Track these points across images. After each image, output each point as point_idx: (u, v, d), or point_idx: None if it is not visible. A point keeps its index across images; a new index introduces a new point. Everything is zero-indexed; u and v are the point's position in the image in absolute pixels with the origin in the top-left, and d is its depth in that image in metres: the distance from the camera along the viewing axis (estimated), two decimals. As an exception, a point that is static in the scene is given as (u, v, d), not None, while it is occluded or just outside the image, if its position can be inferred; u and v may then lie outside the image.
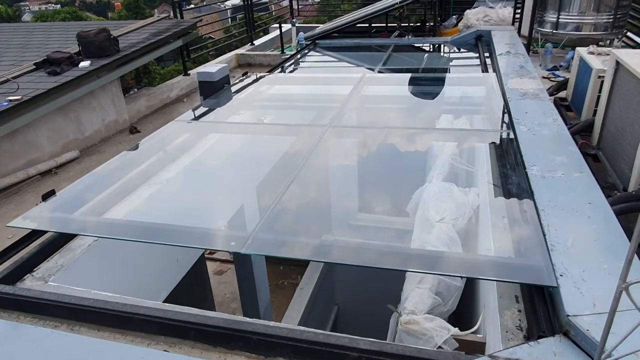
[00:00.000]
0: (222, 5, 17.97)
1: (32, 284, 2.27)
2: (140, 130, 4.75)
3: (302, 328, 1.76)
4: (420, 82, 5.00)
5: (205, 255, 8.27)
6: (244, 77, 4.82)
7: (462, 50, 6.49)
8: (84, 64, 4.15)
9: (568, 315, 1.48)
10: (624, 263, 0.93)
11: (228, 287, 8.71)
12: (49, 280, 2.31)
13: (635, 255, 1.83)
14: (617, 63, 3.08)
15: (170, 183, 2.93)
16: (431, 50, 6.92)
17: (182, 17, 6.33)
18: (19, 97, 3.50)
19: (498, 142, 3.26)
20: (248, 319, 1.82)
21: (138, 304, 1.98)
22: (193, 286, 6.01)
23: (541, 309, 1.67)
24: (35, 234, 2.37)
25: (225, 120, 3.72)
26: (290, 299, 7.03)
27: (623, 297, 0.94)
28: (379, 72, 5.37)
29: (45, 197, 2.52)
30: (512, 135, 3.02)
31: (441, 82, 4.83)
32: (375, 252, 2.08)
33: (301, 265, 8.32)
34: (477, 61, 5.59)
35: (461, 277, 2.41)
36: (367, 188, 3.03)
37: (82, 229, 2.44)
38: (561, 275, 1.65)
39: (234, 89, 4.48)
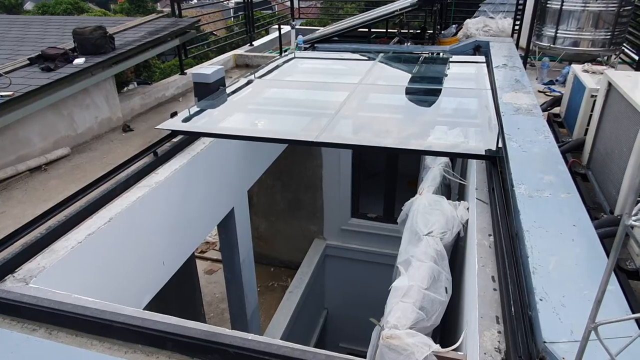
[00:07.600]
0: (225, 3, 17.86)
1: (12, 285, 2.24)
2: (133, 128, 4.72)
3: (280, 342, 1.75)
4: (415, 92, 5.00)
5: (196, 254, 8.27)
6: (286, 53, 6.74)
7: (459, 60, 6.48)
8: (79, 61, 4.12)
9: (545, 342, 1.48)
10: (593, 303, 0.92)
11: (218, 286, 8.67)
12: (30, 282, 2.28)
13: (614, 275, 1.83)
14: (609, 84, 3.08)
15: (260, 109, 4.74)
16: (429, 58, 6.90)
17: (180, 16, 6.32)
18: (11, 92, 3.47)
19: (488, 157, 3.26)
20: (226, 331, 1.81)
21: (118, 310, 1.96)
22: (182, 286, 5.99)
23: (519, 333, 1.67)
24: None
25: (284, 79, 5.67)
26: (280, 301, 7.03)
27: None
28: (375, 78, 5.38)
29: (172, 115, 4.15)
30: (502, 151, 3.01)
31: (435, 92, 4.83)
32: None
33: (291, 267, 8.32)
34: (473, 73, 5.59)
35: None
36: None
37: (204, 130, 4.12)
38: (541, 300, 1.64)
39: (271, 65, 5.96)
